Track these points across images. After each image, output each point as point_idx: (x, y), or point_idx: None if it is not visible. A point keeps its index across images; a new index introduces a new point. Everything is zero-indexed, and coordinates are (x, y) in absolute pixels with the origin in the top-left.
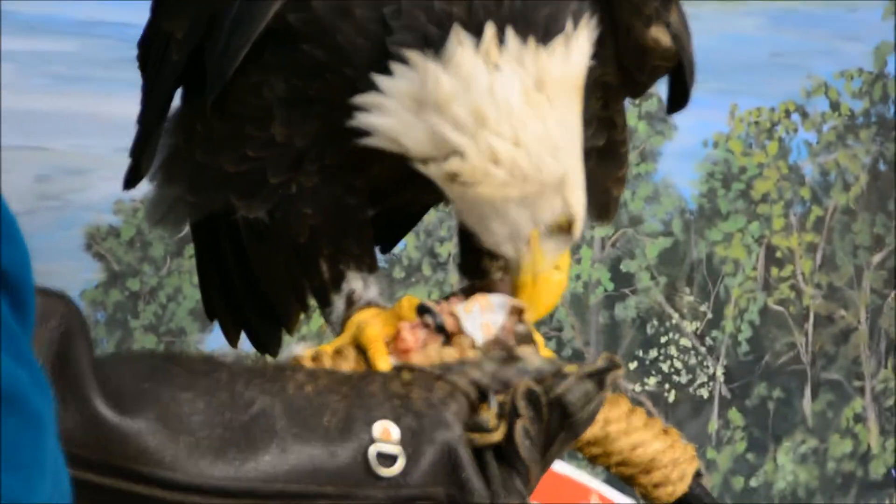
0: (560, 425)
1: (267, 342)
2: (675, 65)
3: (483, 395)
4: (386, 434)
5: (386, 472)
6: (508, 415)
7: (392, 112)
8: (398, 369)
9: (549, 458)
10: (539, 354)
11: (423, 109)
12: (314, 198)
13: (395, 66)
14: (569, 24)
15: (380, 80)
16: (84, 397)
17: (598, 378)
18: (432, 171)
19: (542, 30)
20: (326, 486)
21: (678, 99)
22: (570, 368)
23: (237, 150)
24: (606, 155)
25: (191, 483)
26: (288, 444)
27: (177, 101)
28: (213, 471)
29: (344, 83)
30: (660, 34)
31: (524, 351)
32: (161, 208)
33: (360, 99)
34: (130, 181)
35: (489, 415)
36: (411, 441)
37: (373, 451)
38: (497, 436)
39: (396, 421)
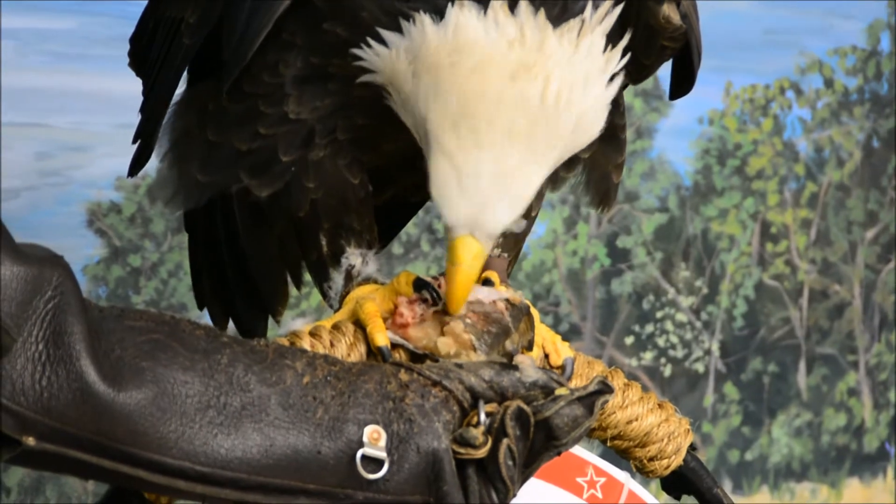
0: (544, 446)
1: (253, 330)
2: (681, 47)
3: (477, 401)
4: (375, 438)
5: (369, 475)
6: (496, 432)
7: (385, 59)
8: (397, 366)
9: (527, 474)
10: (535, 366)
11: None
12: (317, 171)
13: (404, 25)
14: (588, 9)
15: (387, 34)
16: (79, 374)
17: (589, 402)
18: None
19: (559, 7)
20: (309, 483)
21: (682, 82)
22: (562, 391)
23: (249, 128)
24: (609, 140)
25: (178, 467)
26: (277, 437)
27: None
28: (199, 457)
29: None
30: (671, 11)
31: (522, 361)
32: (169, 188)
33: (366, 52)
34: (136, 167)
35: (477, 431)
36: (398, 447)
37: (360, 453)
38: (482, 452)
39: (387, 426)
